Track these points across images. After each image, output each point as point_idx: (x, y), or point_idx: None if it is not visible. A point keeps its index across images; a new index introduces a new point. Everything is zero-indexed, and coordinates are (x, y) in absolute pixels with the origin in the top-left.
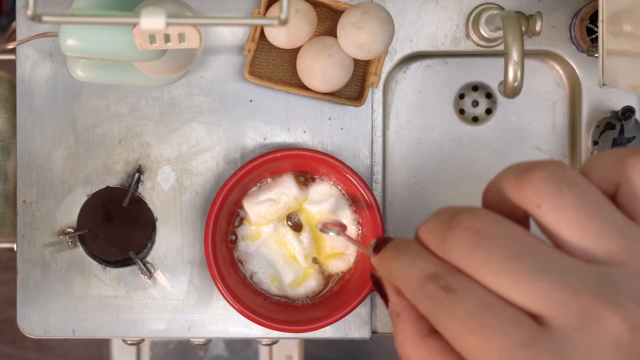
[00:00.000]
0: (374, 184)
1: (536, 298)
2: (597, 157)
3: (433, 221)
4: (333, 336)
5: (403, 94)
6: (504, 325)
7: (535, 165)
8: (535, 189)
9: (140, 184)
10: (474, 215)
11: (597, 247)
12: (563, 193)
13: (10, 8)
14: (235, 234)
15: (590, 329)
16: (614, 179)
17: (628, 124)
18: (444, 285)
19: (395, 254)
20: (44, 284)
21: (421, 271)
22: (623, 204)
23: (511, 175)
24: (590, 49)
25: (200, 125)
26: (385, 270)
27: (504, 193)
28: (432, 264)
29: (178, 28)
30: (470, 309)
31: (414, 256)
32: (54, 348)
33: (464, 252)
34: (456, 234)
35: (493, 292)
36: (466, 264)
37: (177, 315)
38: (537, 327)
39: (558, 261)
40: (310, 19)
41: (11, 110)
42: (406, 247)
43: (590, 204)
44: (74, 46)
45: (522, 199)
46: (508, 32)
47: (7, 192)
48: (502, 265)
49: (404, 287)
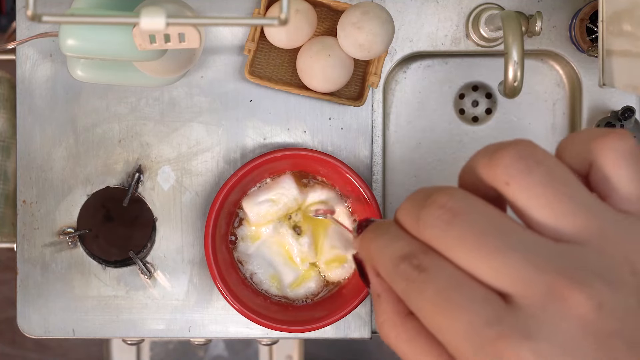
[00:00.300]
0: (374, 184)
1: (504, 276)
2: (571, 137)
3: (409, 201)
4: (333, 336)
5: (403, 94)
6: (472, 303)
7: (505, 145)
8: (504, 167)
9: (140, 184)
10: (447, 194)
11: (565, 226)
12: (531, 170)
13: (10, 8)
14: (235, 234)
15: (555, 307)
16: (586, 159)
17: (628, 124)
18: (416, 265)
19: (374, 235)
20: (44, 284)
21: (396, 251)
22: (595, 184)
23: (483, 155)
24: (590, 49)
25: (200, 125)
26: (365, 251)
27: (476, 173)
28: (406, 243)
29: (178, 28)
30: (440, 287)
31: (391, 237)
32: (54, 348)
33: (437, 230)
34: (429, 213)
35: (464, 271)
36: (439, 242)
37: (177, 315)
38: (504, 305)
39: (526, 239)
40: (310, 19)
41: (11, 110)
42: (385, 228)
43: (558, 181)
44: (74, 46)
45: (493, 177)
46: (508, 32)
47: (7, 192)
48: (473, 243)
49: (381, 268)
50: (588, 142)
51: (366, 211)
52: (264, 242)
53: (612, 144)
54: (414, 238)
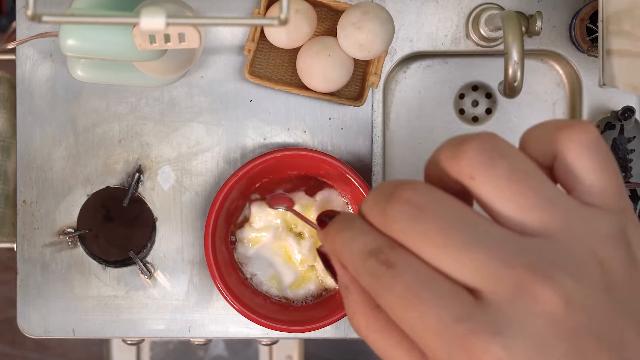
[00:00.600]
0: (374, 184)
1: (472, 271)
2: (534, 128)
3: (374, 195)
4: (333, 336)
5: (403, 94)
6: (441, 299)
7: (469, 138)
8: (468, 160)
9: (140, 184)
10: (412, 188)
11: (531, 219)
12: (495, 164)
13: (10, 8)
14: (235, 235)
15: (524, 303)
16: (550, 151)
17: (628, 124)
18: (383, 260)
19: (339, 229)
20: (44, 284)
21: (362, 246)
22: (559, 176)
23: (447, 148)
24: (590, 49)
25: (200, 125)
26: (329, 245)
27: (441, 167)
28: (373, 238)
29: (178, 28)
30: (409, 283)
31: (357, 231)
32: (54, 348)
33: (403, 225)
34: (395, 208)
35: (432, 266)
36: (405, 238)
37: (177, 315)
38: (473, 301)
39: (493, 233)
40: (310, 19)
41: (11, 110)
42: (350, 222)
43: (522, 174)
44: (74, 46)
45: (457, 171)
46: (508, 32)
47: (7, 192)
48: (439, 238)
49: (347, 262)
50: (552, 134)
51: None
52: (264, 244)
53: (575, 136)
54: (380, 232)
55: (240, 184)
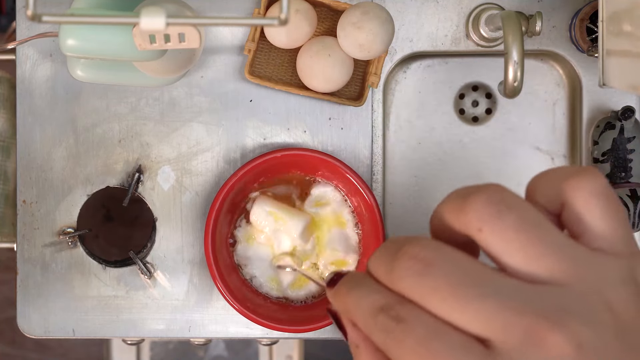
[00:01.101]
0: (374, 184)
1: (482, 322)
2: (541, 176)
3: (380, 253)
4: (333, 336)
5: (403, 94)
6: (453, 351)
7: (475, 190)
8: (475, 212)
9: (140, 184)
10: (418, 244)
11: (539, 268)
12: (503, 215)
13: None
14: (234, 236)
15: (535, 350)
16: (557, 199)
17: (628, 124)
18: (394, 316)
19: (348, 287)
20: (44, 284)
21: (372, 303)
22: (567, 223)
23: (453, 201)
24: (590, 49)
25: (200, 125)
26: (340, 304)
27: (445, 220)
28: (382, 295)
29: (178, 28)
30: (420, 337)
31: (366, 289)
32: (54, 348)
33: (410, 281)
34: (401, 264)
35: (441, 319)
36: (413, 293)
37: (177, 315)
38: (485, 351)
39: (502, 284)
40: (310, 19)
41: (11, 110)
42: (359, 280)
43: (530, 225)
44: (74, 46)
45: (464, 224)
46: (508, 32)
47: (7, 192)
48: (448, 292)
49: (358, 319)
50: (559, 183)
51: (366, 211)
52: (262, 244)
53: (584, 184)
54: (389, 289)
55: (240, 184)
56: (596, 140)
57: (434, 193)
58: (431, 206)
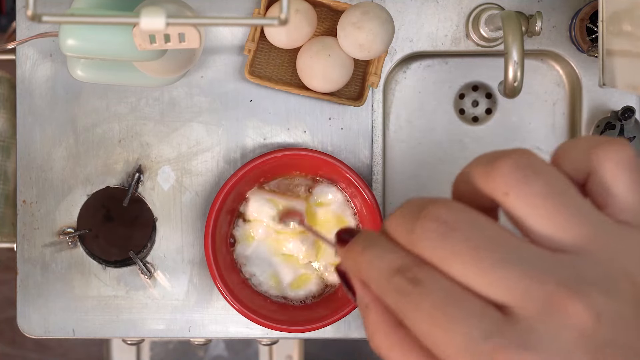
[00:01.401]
0: (374, 184)
1: (502, 288)
2: (569, 144)
3: (401, 213)
4: (333, 336)
5: (403, 94)
6: (469, 316)
7: (503, 154)
8: (502, 177)
9: (140, 184)
10: (442, 206)
11: (563, 236)
12: (530, 181)
13: (10, 8)
14: (233, 236)
15: (554, 318)
16: (584, 168)
17: (628, 124)
18: (410, 278)
19: (362, 247)
20: (44, 284)
21: (388, 264)
22: (593, 193)
23: (480, 164)
24: (590, 49)
25: (200, 125)
26: (351, 263)
27: (473, 183)
28: (399, 256)
29: (178, 28)
30: (436, 301)
31: (382, 249)
32: (54, 348)
33: (431, 243)
34: (423, 225)
35: (460, 284)
36: (433, 255)
37: (177, 315)
38: (502, 318)
39: (524, 251)
40: (310, 19)
41: (11, 110)
42: (374, 240)
43: (556, 192)
44: (74, 46)
45: (491, 187)
46: (508, 32)
47: (7, 192)
48: (469, 256)
49: (371, 280)
50: (587, 151)
51: (367, 211)
52: (261, 241)
53: (612, 154)
54: (407, 251)
55: (240, 184)
56: None
57: (434, 193)
58: None
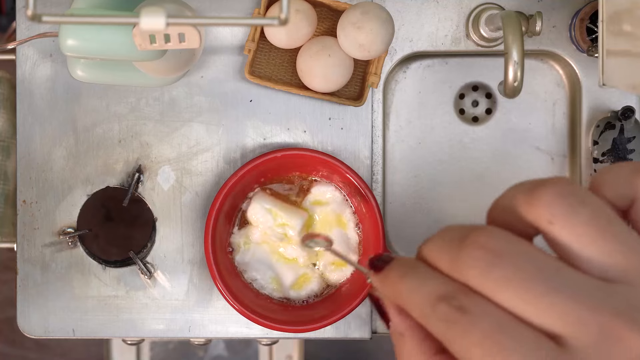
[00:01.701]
0: (374, 184)
1: (554, 317)
2: (610, 171)
3: (440, 240)
4: (333, 336)
5: (403, 94)
6: (523, 346)
7: (543, 183)
8: (546, 206)
9: (140, 184)
10: (487, 233)
11: (612, 265)
12: (576, 210)
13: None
14: (230, 244)
15: (610, 348)
16: (628, 195)
17: (628, 124)
18: (457, 306)
19: (401, 273)
20: (44, 284)
21: (432, 291)
22: (635, 221)
23: (520, 192)
24: (590, 49)
25: (200, 125)
26: (389, 290)
27: (513, 211)
28: (442, 283)
29: (178, 28)
30: (487, 330)
31: (423, 276)
32: (54, 348)
33: (479, 271)
34: (470, 253)
35: (509, 312)
36: (481, 284)
37: (177, 315)
38: (556, 348)
39: (575, 279)
40: (310, 19)
41: (11, 110)
42: (413, 266)
43: (603, 220)
44: (74, 46)
45: (533, 216)
46: (508, 32)
47: (7, 192)
48: (519, 285)
49: (412, 308)
50: (630, 178)
51: (366, 211)
52: (259, 244)
53: None
54: (449, 278)
55: (240, 184)
56: (596, 140)
57: (434, 193)
58: (431, 206)
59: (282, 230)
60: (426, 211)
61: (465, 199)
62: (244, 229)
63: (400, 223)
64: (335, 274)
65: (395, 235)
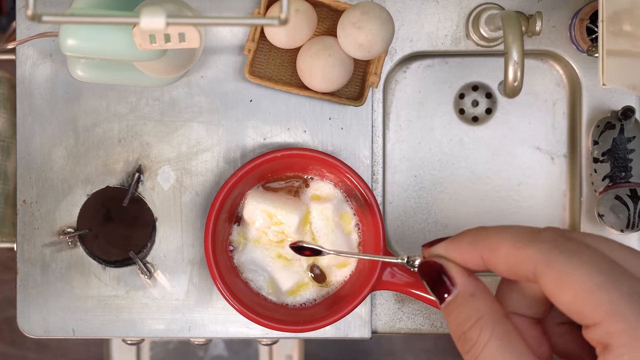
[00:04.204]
0: (374, 184)
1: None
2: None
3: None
4: (333, 336)
5: (403, 93)
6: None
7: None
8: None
9: (140, 184)
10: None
11: None
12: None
13: (10, 8)
14: (230, 243)
15: None
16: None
17: (628, 124)
18: (561, 234)
19: (489, 229)
20: (44, 284)
21: (531, 229)
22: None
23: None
24: (590, 49)
25: (200, 125)
26: (474, 247)
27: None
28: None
29: (178, 28)
30: (593, 255)
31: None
32: (54, 348)
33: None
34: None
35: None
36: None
37: (177, 315)
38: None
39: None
40: (310, 19)
41: (11, 110)
42: (492, 227)
43: None
44: (74, 46)
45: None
46: (508, 32)
47: (7, 192)
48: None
49: (507, 241)
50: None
51: (366, 211)
52: (257, 245)
53: None
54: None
55: (240, 184)
56: (596, 140)
57: (434, 193)
58: (431, 206)
59: (279, 229)
60: (426, 211)
61: (466, 198)
62: (242, 227)
63: (400, 223)
64: (336, 273)
65: (395, 235)
